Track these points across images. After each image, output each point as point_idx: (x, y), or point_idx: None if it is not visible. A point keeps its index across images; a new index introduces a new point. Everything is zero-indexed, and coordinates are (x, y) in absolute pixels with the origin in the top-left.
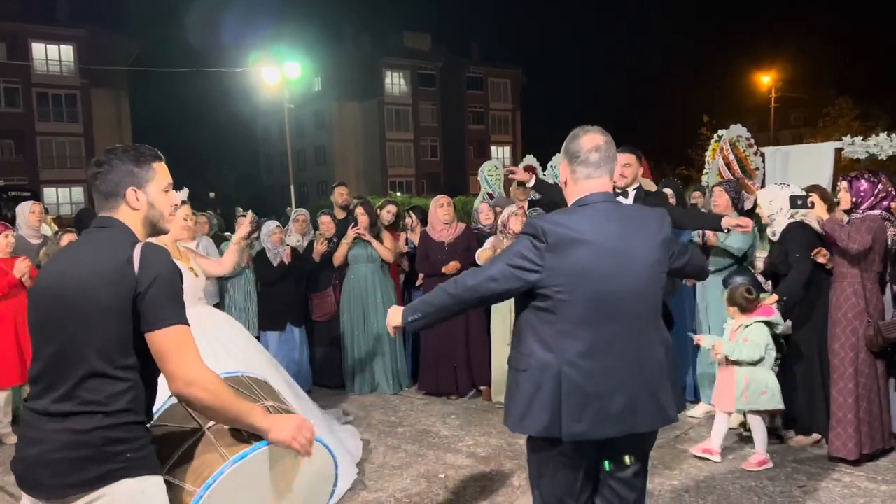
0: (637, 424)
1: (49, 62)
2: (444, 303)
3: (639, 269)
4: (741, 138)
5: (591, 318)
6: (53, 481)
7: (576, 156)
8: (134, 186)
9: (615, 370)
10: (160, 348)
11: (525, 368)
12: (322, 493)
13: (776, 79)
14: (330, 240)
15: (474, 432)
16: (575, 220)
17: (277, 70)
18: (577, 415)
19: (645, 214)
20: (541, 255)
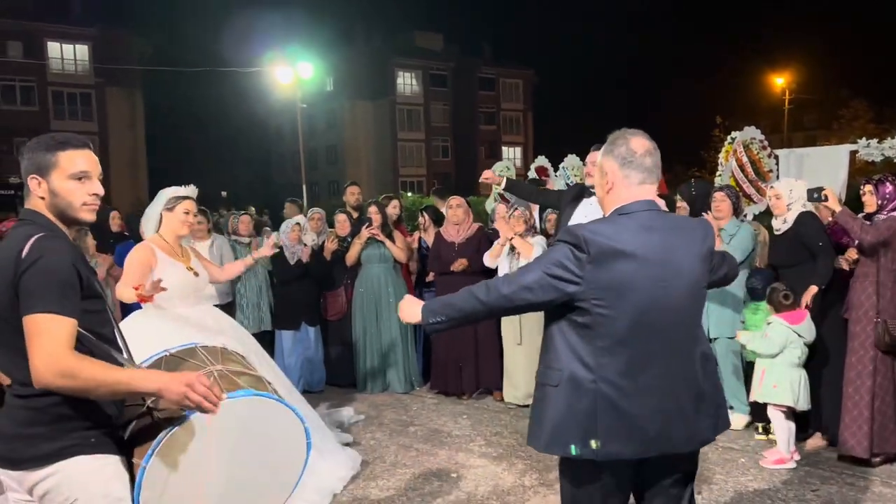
0: (675, 444)
1: (64, 61)
2: (474, 308)
3: (682, 284)
4: (755, 140)
5: (631, 335)
6: (9, 454)
7: (629, 160)
8: (37, 175)
9: (654, 389)
10: (25, 338)
11: (556, 384)
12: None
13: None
14: (343, 239)
15: (486, 432)
16: (617, 230)
17: (290, 70)
18: (613, 435)
19: (689, 225)
20: (581, 265)
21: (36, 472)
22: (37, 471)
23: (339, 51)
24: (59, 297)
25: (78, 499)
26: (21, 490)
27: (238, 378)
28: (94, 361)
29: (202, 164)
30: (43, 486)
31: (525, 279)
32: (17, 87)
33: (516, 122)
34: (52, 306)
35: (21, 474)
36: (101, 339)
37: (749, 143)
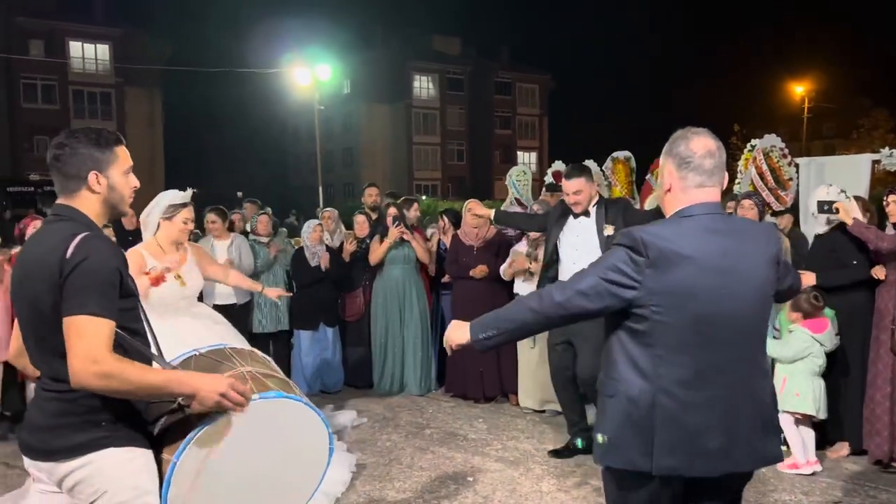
0: (737, 463)
1: (85, 60)
2: (526, 319)
3: (746, 290)
4: (775, 148)
5: (692, 343)
6: (41, 445)
7: (687, 161)
8: (96, 170)
9: (716, 402)
10: (64, 337)
11: (613, 395)
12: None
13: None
14: (361, 240)
15: (502, 437)
16: (677, 233)
17: (308, 72)
18: (670, 448)
19: (754, 228)
20: (639, 269)
21: (66, 463)
22: (67, 462)
23: (357, 53)
24: (101, 299)
25: (107, 491)
26: (50, 482)
27: (267, 380)
28: (132, 363)
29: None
30: (73, 477)
31: (580, 285)
32: (38, 85)
33: (532, 126)
34: (94, 308)
35: (51, 465)
36: (133, 335)
37: (769, 151)
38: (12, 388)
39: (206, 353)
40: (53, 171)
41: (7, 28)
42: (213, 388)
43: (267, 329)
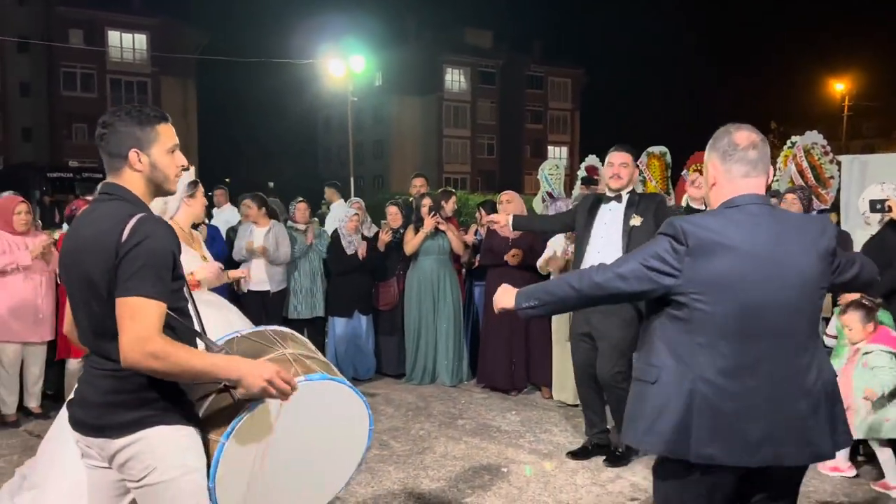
0: (781, 457)
1: (123, 49)
2: (566, 295)
3: (793, 281)
4: (816, 146)
5: (733, 333)
6: (93, 421)
7: (729, 153)
8: (136, 148)
9: (757, 392)
10: (117, 317)
11: (654, 381)
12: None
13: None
14: (395, 231)
15: (535, 429)
16: (721, 223)
17: (342, 63)
18: (708, 436)
19: (804, 221)
20: (680, 258)
21: (118, 440)
22: (119, 439)
23: (390, 46)
24: (155, 281)
25: (156, 468)
26: (101, 458)
27: (310, 362)
28: (181, 347)
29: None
30: (124, 453)
31: (621, 268)
32: (77, 73)
33: (563, 121)
34: (148, 290)
35: (104, 441)
36: (180, 315)
37: (810, 149)
38: (52, 367)
39: (247, 335)
40: (100, 150)
41: (48, 17)
42: (259, 375)
43: (302, 315)
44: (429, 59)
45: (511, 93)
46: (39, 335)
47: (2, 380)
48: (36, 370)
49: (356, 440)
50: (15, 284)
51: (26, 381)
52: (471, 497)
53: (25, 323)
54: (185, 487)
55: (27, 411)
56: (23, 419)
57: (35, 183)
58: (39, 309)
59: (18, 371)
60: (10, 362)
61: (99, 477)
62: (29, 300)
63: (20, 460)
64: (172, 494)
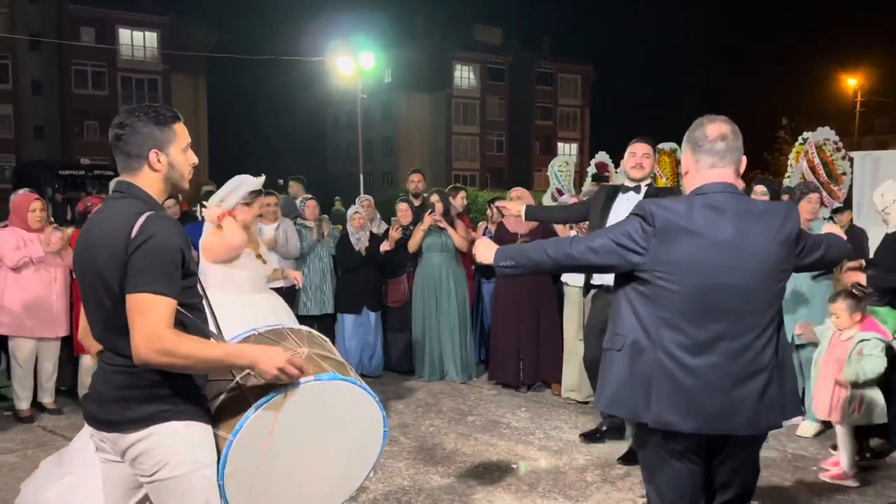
0: (734, 428)
1: (134, 47)
2: (541, 260)
3: (752, 266)
4: (828, 142)
5: (694, 312)
6: (107, 416)
7: (699, 144)
8: (156, 149)
9: (715, 368)
10: (127, 314)
11: (619, 348)
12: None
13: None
14: (405, 227)
15: (545, 426)
16: (687, 208)
17: (352, 60)
18: (668, 404)
19: (768, 209)
20: (647, 238)
21: (131, 434)
22: (131, 434)
23: (399, 43)
24: (164, 278)
25: (168, 463)
26: (113, 452)
27: (323, 362)
28: (192, 338)
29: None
30: (136, 448)
31: (593, 242)
32: (88, 71)
33: (573, 118)
34: (157, 286)
35: (117, 436)
36: (192, 311)
37: (822, 145)
38: (66, 363)
39: (264, 333)
40: (115, 150)
41: (59, 15)
42: (272, 361)
43: (312, 312)
44: (438, 56)
45: (520, 89)
46: (53, 331)
47: (16, 375)
48: (50, 366)
49: (369, 441)
50: (29, 281)
51: (40, 376)
52: (480, 493)
53: (39, 319)
54: (196, 483)
55: (41, 407)
56: (37, 415)
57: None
58: (53, 305)
59: (33, 367)
60: (24, 358)
61: (112, 471)
62: (43, 296)
63: (34, 455)
64: (184, 490)
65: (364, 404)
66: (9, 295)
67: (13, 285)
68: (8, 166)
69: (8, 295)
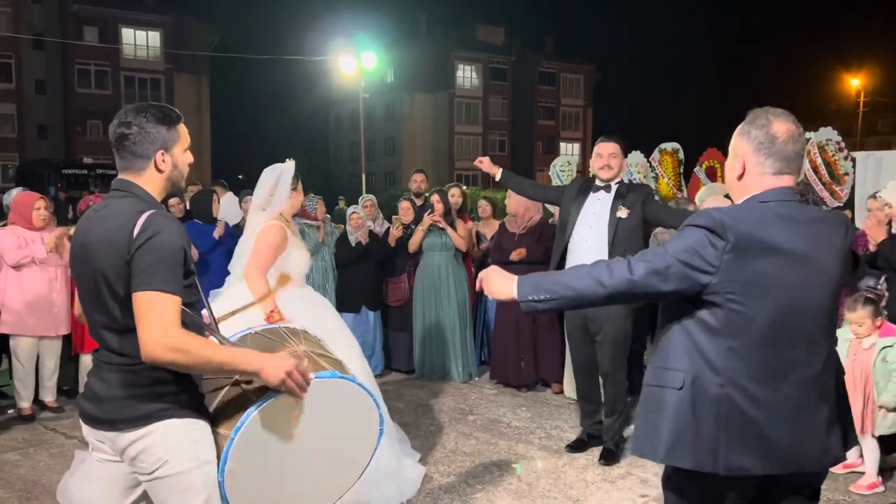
0: (805, 463)
1: (137, 47)
2: (589, 292)
3: (825, 284)
4: (830, 142)
5: (769, 337)
6: (105, 415)
7: (768, 145)
8: (163, 149)
9: (790, 399)
10: (134, 312)
11: (679, 387)
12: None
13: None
14: (407, 226)
15: (545, 425)
16: (759, 218)
17: (354, 60)
18: (739, 446)
19: (831, 219)
20: (718, 255)
21: (130, 433)
22: (131, 432)
23: (401, 43)
24: (168, 276)
25: (168, 460)
26: (112, 451)
27: (321, 360)
28: (201, 339)
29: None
30: (135, 447)
31: (656, 265)
32: (92, 70)
33: (576, 117)
34: (162, 284)
35: (116, 435)
36: (192, 308)
37: (824, 145)
38: (67, 362)
39: (260, 332)
40: (120, 149)
41: (62, 15)
42: (279, 367)
43: None
44: (440, 56)
45: (523, 89)
46: (55, 329)
47: (17, 373)
48: (51, 364)
49: (367, 438)
50: (30, 279)
51: (42, 374)
52: (481, 493)
53: (40, 317)
54: (196, 480)
55: (43, 405)
56: (38, 413)
57: (50, 179)
58: (54, 303)
59: (34, 365)
60: (25, 356)
61: (110, 470)
62: (44, 294)
63: (36, 453)
64: (184, 487)
65: (362, 401)
66: (10, 293)
67: (14, 284)
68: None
69: (9, 293)
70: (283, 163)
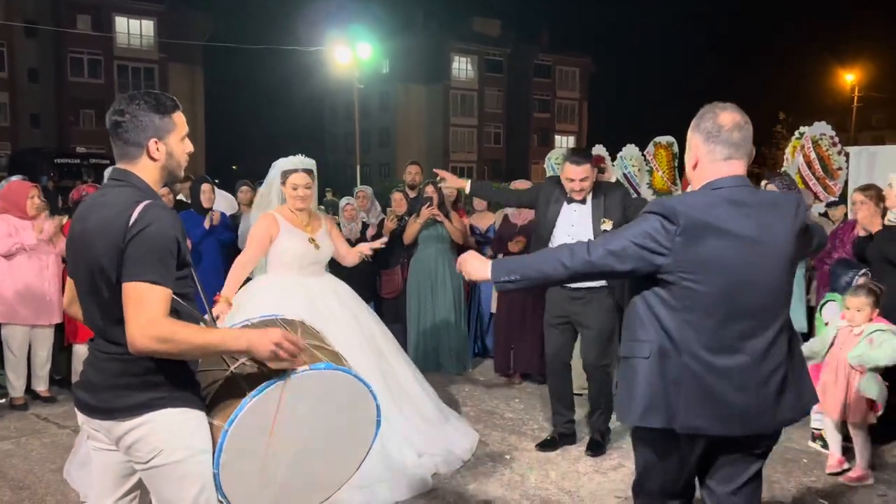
0: (760, 426)
1: (130, 36)
2: (555, 272)
3: (774, 262)
4: (824, 136)
5: (720, 311)
6: (100, 404)
7: (714, 134)
8: (155, 138)
9: (740, 367)
10: (123, 302)
11: (647, 356)
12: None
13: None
14: (401, 217)
15: (539, 417)
16: (709, 203)
17: (349, 50)
18: (696, 409)
19: (780, 200)
20: (670, 237)
21: (125, 422)
22: (126, 421)
23: (397, 34)
24: (160, 267)
25: (163, 450)
26: (107, 440)
27: (318, 352)
28: (187, 325)
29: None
30: (131, 436)
31: (612, 246)
32: (84, 59)
33: (571, 110)
34: (153, 276)
35: (111, 424)
36: (185, 300)
37: (818, 140)
38: (59, 352)
39: (256, 323)
40: (114, 137)
41: (55, 2)
42: (267, 339)
43: None
44: (436, 47)
45: (518, 81)
46: (47, 318)
47: (10, 363)
48: (43, 353)
49: (364, 431)
50: (22, 268)
51: (34, 364)
52: (473, 484)
53: (32, 306)
54: (192, 469)
55: (35, 395)
56: (31, 402)
57: (42, 168)
58: (46, 292)
59: (26, 354)
60: (17, 346)
61: (105, 458)
62: (36, 284)
63: (28, 443)
64: (179, 475)
65: (359, 393)
66: (1, 282)
67: (5, 273)
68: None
69: (0, 282)
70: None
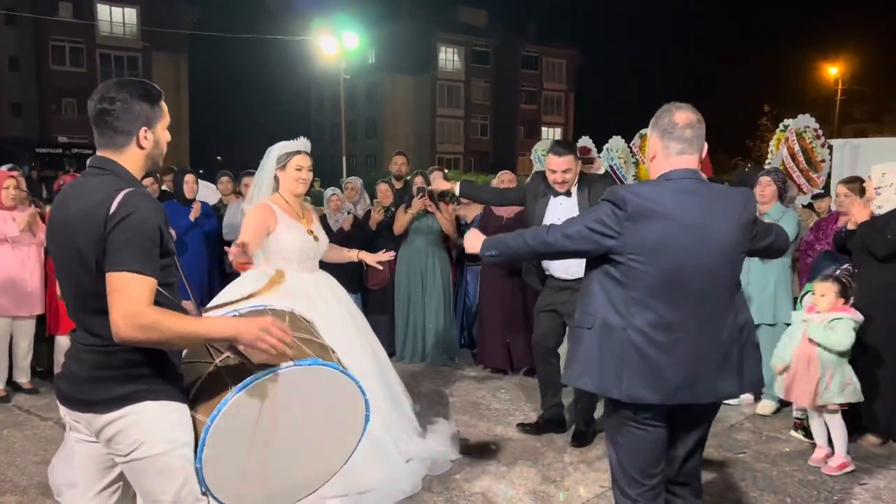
0: (696, 397)
1: (113, 24)
2: (520, 249)
3: (716, 247)
4: (808, 129)
5: (664, 291)
6: (81, 396)
7: (668, 131)
8: (146, 126)
9: (681, 344)
10: (107, 292)
11: (590, 327)
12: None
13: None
14: (387, 209)
15: (525, 408)
16: (657, 192)
17: (335, 40)
18: (637, 379)
19: (730, 194)
20: (619, 222)
21: (105, 414)
22: (106, 413)
23: (383, 23)
24: (143, 256)
25: (144, 442)
26: (87, 431)
27: (304, 345)
28: (171, 313)
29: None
30: (111, 428)
31: (568, 229)
32: (66, 48)
33: (558, 102)
34: (136, 265)
35: (91, 416)
36: (169, 290)
37: (802, 132)
38: (41, 343)
39: (244, 314)
40: (100, 125)
41: None
42: (254, 326)
43: None
44: (423, 38)
45: (505, 73)
46: (28, 309)
47: None
48: (25, 345)
49: (352, 427)
50: (2, 259)
51: (15, 356)
52: (459, 473)
53: (13, 297)
54: (173, 462)
55: (17, 386)
56: (12, 394)
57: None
58: (28, 283)
59: (7, 346)
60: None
61: (86, 450)
62: (17, 274)
63: (10, 435)
64: (161, 468)
65: (346, 388)
66: None
67: None
68: None
69: None
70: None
